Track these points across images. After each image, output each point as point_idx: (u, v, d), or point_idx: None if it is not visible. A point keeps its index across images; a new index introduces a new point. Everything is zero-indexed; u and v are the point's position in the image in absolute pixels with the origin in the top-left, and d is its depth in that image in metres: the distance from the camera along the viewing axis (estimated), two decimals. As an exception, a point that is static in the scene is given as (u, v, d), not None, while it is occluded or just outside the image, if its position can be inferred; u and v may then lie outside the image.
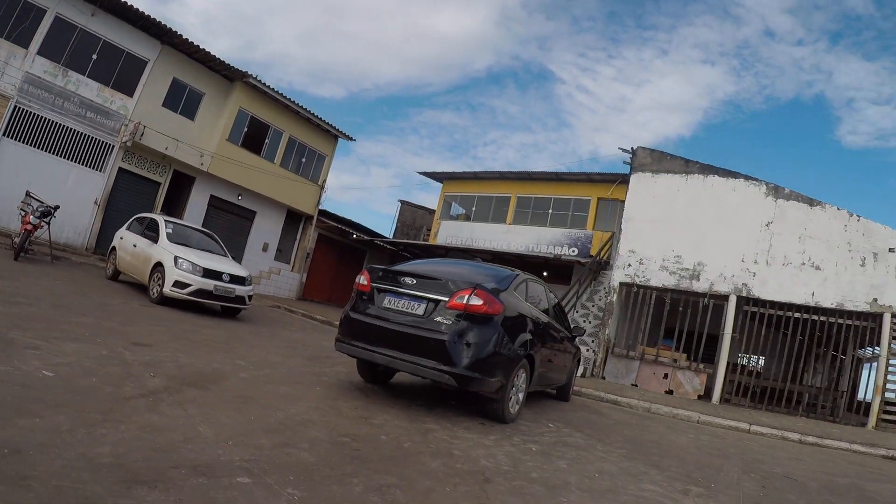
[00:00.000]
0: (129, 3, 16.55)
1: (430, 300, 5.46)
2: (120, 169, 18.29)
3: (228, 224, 21.90)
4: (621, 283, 15.86)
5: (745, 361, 20.81)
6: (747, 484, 5.28)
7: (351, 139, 24.91)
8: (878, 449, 9.18)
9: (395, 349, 5.37)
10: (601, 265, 18.81)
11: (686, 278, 15.20)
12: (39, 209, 12.09)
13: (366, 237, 27.08)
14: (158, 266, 10.43)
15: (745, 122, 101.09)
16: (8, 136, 15.68)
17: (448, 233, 25.86)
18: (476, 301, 5.31)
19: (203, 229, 13.44)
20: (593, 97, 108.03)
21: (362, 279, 5.94)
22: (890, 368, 13.52)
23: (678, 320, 15.37)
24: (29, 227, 11.64)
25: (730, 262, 14.87)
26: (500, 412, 5.72)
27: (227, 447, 3.29)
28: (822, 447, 9.20)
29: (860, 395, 16.11)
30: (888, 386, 13.46)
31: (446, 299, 5.37)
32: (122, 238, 12.37)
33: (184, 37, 18.17)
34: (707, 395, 14.12)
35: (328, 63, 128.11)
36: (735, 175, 15.36)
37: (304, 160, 23.77)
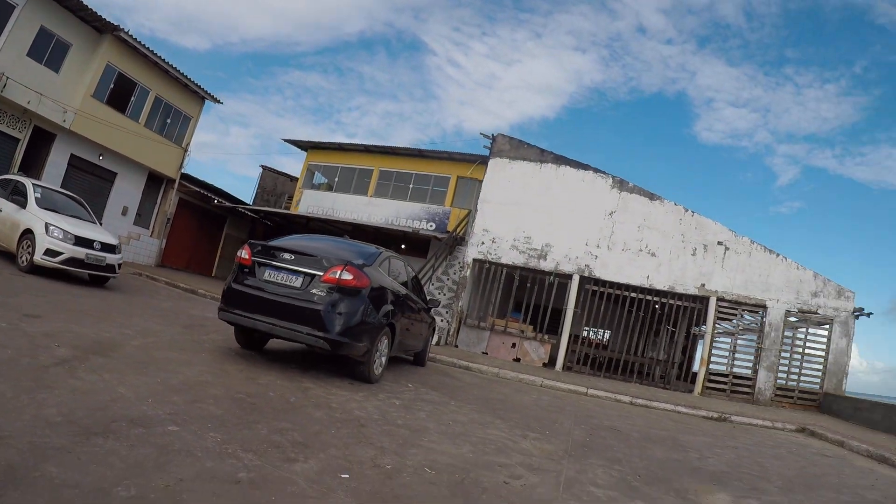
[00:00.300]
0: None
1: (306, 274, 6.33)
2: (-27, 123, 16.88)
3: (88, 185, 20.96)
4: (475, 260, 17.41)
5: (588, 334, 23.35)
6: (577, 432, 6.71)
7: (219, 102, 24.57)
8: (699, 411, 11.22)
9: (276, 317, 6.20)
10: (457, 241, 20.29)
11: (534, 258, 17.00)
12: None
13: (228, 203, 26.87)
14: (28, 233, 10.32)
15: (608, 110, 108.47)
16: None
17: (310, 202, 26.25)
18: (347, 276, 6.27)
19: (71, 194, 13.04)
20: (463, 72, 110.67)
21: (244, 253, 6.67)
22: (715, 344, 16.17)
23: (526, 295, 17.24)
24: None
25: (575, 245, 16.83)
26: (367, 373, 6.77)
27: (150, 404, 4.05)
28: (651, 408, 11.08)
29: (695, 367, 18.85)
30: (713, 359, 16.11)
31: (321, 273, 6.27)
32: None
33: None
34: (552, 363, 16.06)
35: (195, 12, 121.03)
36: (585, 167, 17.30)
37: (168, 121, 23.11)
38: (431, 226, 23.44)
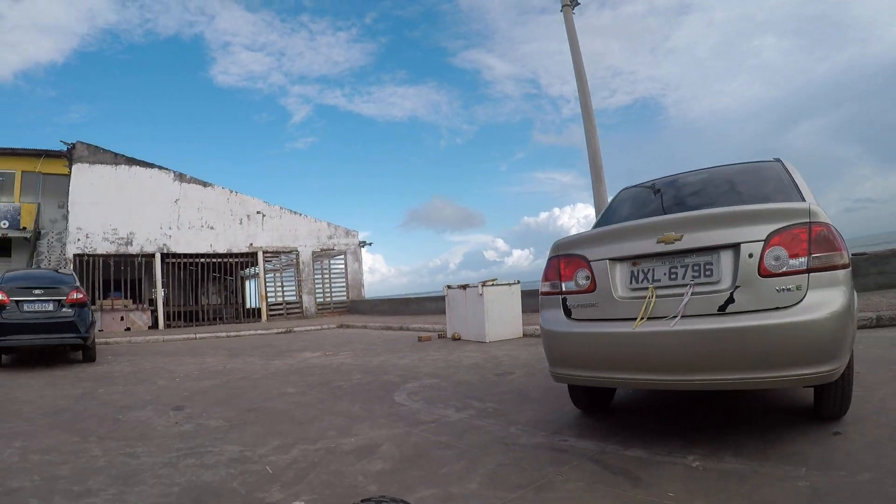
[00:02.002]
0: None
1: (56, 300, 10.46)
2: None
3: None
4: (75, 255, 20.55)
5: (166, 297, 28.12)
6: (212, 355, 12.48)
7: None
8: (272, 330, 17.60)
9: (39, 333, 10.31)
10: (38, 237, 22.59)
11: (123, 245, 21.14)
12: None
13: None
14: None
15: (121, 52, 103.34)
16: None
17: None
18: (79, 294, 10.70)
19: None
20: None
21: (2, 296, 10.34)
22: (268, 284, 23.13)
23: (122, 276, 21.44)
24: None
25: (153, 230, 21.54)
26: (94, 356, 11.33)
27: None
28: (242, 336, 16.88)
29: (250, 304, 25.62)
30: (269, 294, 23.06)
31: (64, 297, 10.51)
32: None
33: None
34: (155, 325, 20.85)
35: None
36: (151, 165, 21.85)
37: None
38: (5, 223, 24.32)
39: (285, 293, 24.35)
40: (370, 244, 26.89)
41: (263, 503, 2.76)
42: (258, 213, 23.46)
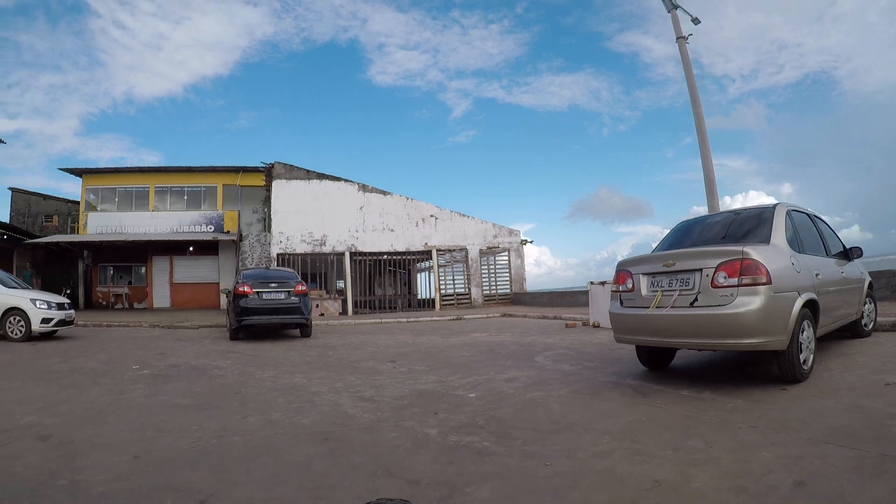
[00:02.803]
0: None
1: (287, 290, 14.22)
2: None
3: None
4: (278, 254, 25.37)
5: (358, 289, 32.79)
6: (401, 332, 15.79)
7: (2, 142, 27.20)
8: (445, 317, 20.97)
9: (275, 315, 14.05)
10: (240, 238, 27.79)
11: (318, 245, 25.60)
12: None
13: (22, 237, 29.39)
14: (13, 311, 12.78)
15: (282, 61, 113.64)
16: None
17: (98, 223, 30.31)
18: (303, 287, 14.37)
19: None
20: (130, 33, 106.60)
21: (244, 287, 14.22)
22: (441, 278, 26.63)
23: (318, 271, 25.90)
24: None
25: (342, 232, 25.79)
26: (310, 333, 14.99)
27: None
28: (420, 321, 20.44)
29: (422, 294, 29.42)
30: (441, 286, 26.57)
31: (292, 289, 14.24)
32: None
33: None
34: (345, 311, 25.05)
35: None
36: (339, 179, 26.16)
37: None
38: (211, 227, 30.17)
39: (456, 285, 27.80)
40: (531, 241, 29.75)
41: (453, 395, 5.58)
42: (431, 216, 27.09)
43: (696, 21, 15.77)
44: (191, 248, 30.52)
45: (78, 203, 34.68)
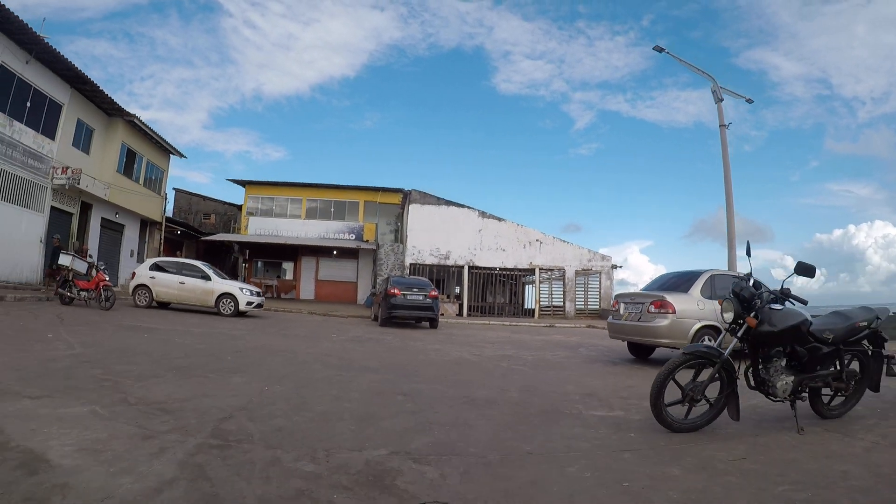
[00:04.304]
0: (59, 52, 20.55)
1: (424, 294, 19.88)
2: (51, 207, 22.56)
3: (110, 238, 27.85)
4: (411, 264, 31.57)
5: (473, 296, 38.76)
6: (504, 330, 21.27)
7: (183, 156, 34.22)
8: (541, 323, 26.04)
9: (415, 310, 19.73)
10: (378, 248, 34.26)
11: (443, 259, 31.62)
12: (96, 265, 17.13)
13: (196, 233, 37.84)
14: (226, 295, 18.27)
15: (408, 66, 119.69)
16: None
17: (257, 226, 37.70)
18: (435, 293, 20.10)
19: (205, 263, 20.05)
20: (260, 33, 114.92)
21: (394, 290, 20.03)
22: (541, 291, 32.08)
23: (441, 278, 32.03)
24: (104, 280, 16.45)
25: (463, 250, 31.68)
26: (437, 325, 20.68)
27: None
28: (520, 326, 25.64)
29: (527, 305, 34.99)
30: (542, 299, 32.02)
31: (427, 293, 19.88)
32: (152, 277, 18.39)
33: (88, 77, 22.40)
34: (461, 313, 30.90)
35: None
36: (462, 205, 32.12)
37: (152, 176, 31.71)
38: (352, 236, 37.06)
39: (553, 299, 33.06)
40: (620, 266, 34.41)
41: (518, 358, 11.12)
42: (537, 240, 32.49)
43: (749, 101, 20.39)
44: (335, 252, 37.64)
45: (233, 205, 42.80)
